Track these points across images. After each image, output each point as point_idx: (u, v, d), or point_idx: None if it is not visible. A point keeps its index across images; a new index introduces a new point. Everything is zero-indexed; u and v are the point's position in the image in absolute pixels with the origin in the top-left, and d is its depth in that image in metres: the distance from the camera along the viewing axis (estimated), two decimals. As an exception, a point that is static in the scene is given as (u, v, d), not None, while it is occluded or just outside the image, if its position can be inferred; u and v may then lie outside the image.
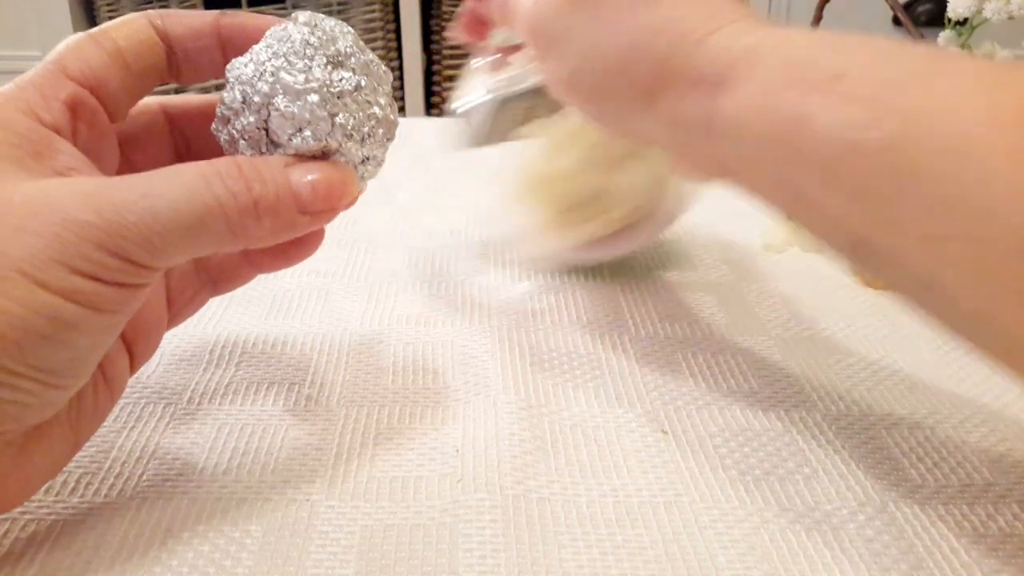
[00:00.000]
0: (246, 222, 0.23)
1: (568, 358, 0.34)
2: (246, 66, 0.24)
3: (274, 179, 0.23)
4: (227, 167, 0.23)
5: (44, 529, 0.24)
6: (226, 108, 0.25)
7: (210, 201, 0.22)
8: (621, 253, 0.40)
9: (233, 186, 0.23)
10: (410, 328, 0.36)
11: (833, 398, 0.31)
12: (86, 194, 0.21)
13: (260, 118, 0.24)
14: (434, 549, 0.24)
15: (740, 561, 0.24)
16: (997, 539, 0.24)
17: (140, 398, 0.30)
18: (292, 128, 0.24)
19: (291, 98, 0.24)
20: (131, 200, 0.21)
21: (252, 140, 0.24)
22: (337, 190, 0.25)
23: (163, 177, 0.22)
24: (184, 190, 0.22)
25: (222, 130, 0.25)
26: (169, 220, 0.22)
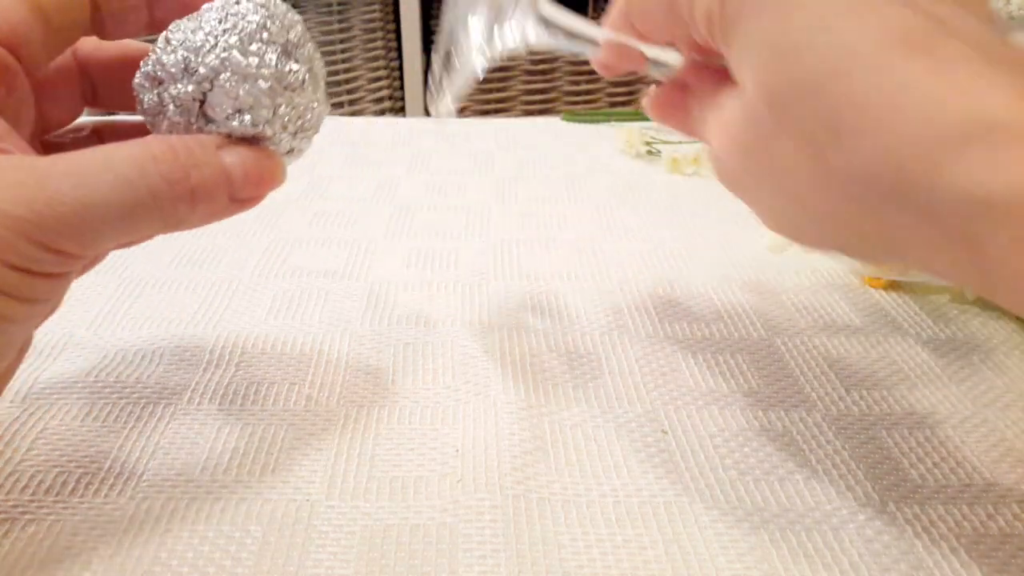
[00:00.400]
0: (179, 210, 0.23)
1: (568, 358, 0.34)
2: (194, 32, 0.24)
3: (209, 164, 0.23)
4: (163, 151, 0.22)
5: (44, 529, 0.24)
6: (161, 69, 0.24)
7: (144, 192, 0.22)
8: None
9: (170, 174, 0.22)
10: (410, 328, 0.36)
11: (833, 398, 0.31)
12: (17, 184, 0.21)
13: (199, 89, 0.23)
14: (434, 549, 0.24)
15: (740, 561, 0.24)
16: (997, 539, 0.24)
17: (140, 398, 0.30)
18: (232, 108, 0.24)
19: (239, 79, 0.23)
20: (63, 192, 0.21)
21: (183, 108, 0.24)
22: (268, 177, 0.24)
23: (95, 164, 0.21)
24: (118, 180, 0.21)
25: (149, 89, 0.24)
26: (103, 212, 0.21)
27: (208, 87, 0.23)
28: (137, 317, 0.36)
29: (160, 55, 0.24)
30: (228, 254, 0.42)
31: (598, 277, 0.41)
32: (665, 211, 0.49)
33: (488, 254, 0.43)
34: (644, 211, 0.49)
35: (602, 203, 0.50)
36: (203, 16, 0.24)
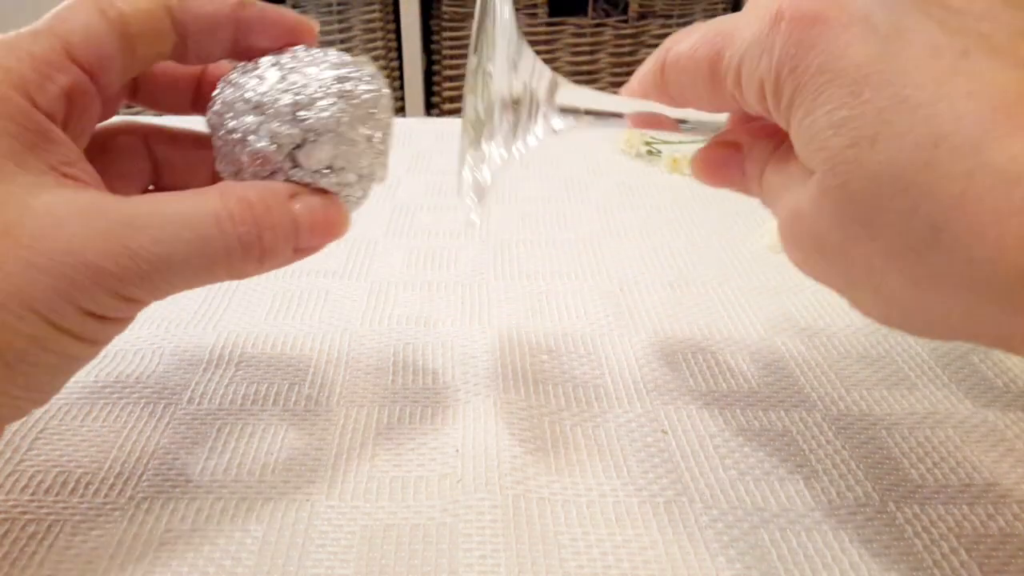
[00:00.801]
0: (248, 268, 0.23)
1: (568, 358, 0.34)
2: (307, 79, 0.24)
3: (282, 224, 0.23)
4: (240, 211, 0.22)
5: (44, 529, 0.24)
6: (265, 101, 0.24)
7: (221, 252, 0.22)
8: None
9: (245, 236, 0.22)
10: (410, 328, 0.36)
11: (833, 398, 0.31)
12: (102, 235, 0.21)
13: (301, 136, 0.24)
14: (434, 549, 0.24)
15: (740, 561, 0.24)
16: (997, 539, 0.24)
17: (140, 398, 0.30)
18: (323, 164, 0.24)
19: (342, 143, 0.24)
20: (145, 247, 0.21)
21: (277, 147, 0.24)
22: (333, 229, 0.25)
23: (176, 220, 0.22)
24: (197, 240, 0.22)
25: (241, 113, 0.24)
26: (180, 269, 0.22)
27: (312, 138, 0.24)
28: (137, 317, 0.36)
29: (267, 88, 0.24)
30: (228, 254, 0.42)
31: (598, 277, 0.41)
32: (665, 211, 0.49)
33: (488, 254, 0.43)
34: (644, 211, 0.49)
35: (602, 203, 0.50)
36: (318, 61, 0.24)
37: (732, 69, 0.22)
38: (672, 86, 0.25)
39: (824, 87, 0.19)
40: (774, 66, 0.21)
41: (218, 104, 0.25)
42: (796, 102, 0.20)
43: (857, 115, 0.19)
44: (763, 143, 0.25)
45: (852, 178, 0.19)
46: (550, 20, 1.50)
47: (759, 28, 0.21)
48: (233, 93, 0.24)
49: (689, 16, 1.54)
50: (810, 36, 0.20)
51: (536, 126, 0.28)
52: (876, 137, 0.18)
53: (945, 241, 0.17)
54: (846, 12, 0.20)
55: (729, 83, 0.23)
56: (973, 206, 0.17)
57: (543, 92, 0.28)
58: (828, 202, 0.20)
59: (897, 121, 0.18)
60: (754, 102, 0.22)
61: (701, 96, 0.25)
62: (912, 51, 0.18)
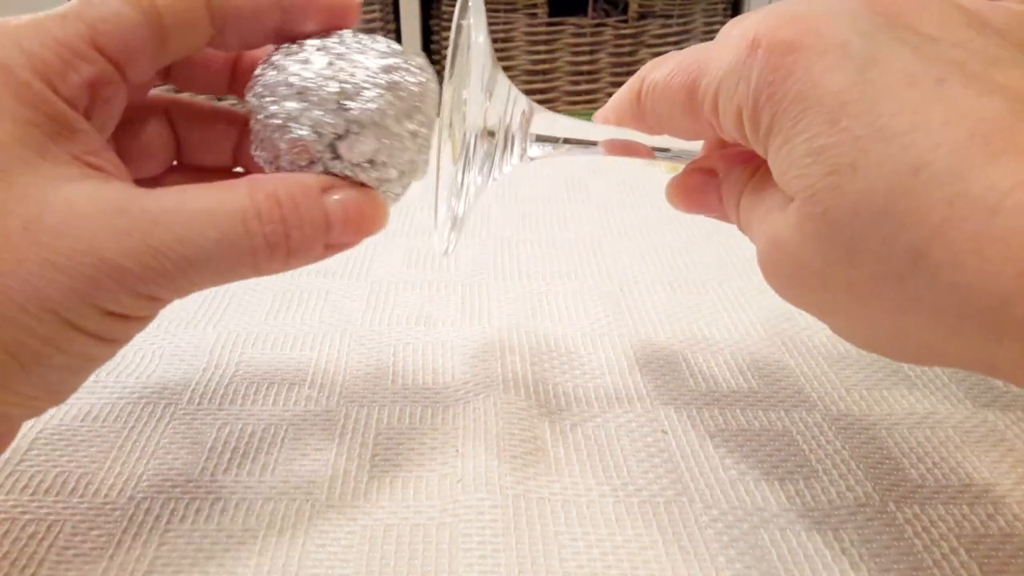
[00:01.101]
0: (274, 266, 0.22)
1: (568, 358, 0.34)
2: (354, 67, 0.23)
3: (311, 222, 0.22)
4: (269, 209, 0.22)
5: (44, 529, 0.24)
6: (310, 87, 0.23)
7: (247, 252, 0.21)
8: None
9: (271, 234, 0.22)
10: (410, 328, 0.36)
11: (833, 398, 0.31)
12: (124, 233, 0.20)
13: (345, 127, 0.23)
14: (434, 549, 0.24)
15: (740, 561, 0.24)
16: (997, 539, 0.24)
17: (140, 398, 0.30)
18: (365, 158, 0.23)
19: (386, 136, 0.23)
20: (168, 246, 0.20)
21: (319, 136, 0.23)
22: (368, 224, 0.23)
23: (201, 217, 0.21)
24: (223, 240, 0.21)
25: (283, 98, 0.23)
26: (203, 268, 0.21)
27: (355, 130, 0.23)
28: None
29: (312, 74, 0.23)
30: (228, 254, 0.42)
31: (598, 277, 0.41)
32: (665, 211, 0.49)
33: (488, 254, 0.43)
34: (644, 210, 0.49)
35: (602, 203, 0.50)
36: (367, 49, 0.23)
37: (709, 96, 0.22)
38: (649, 114, 0.25)
39: (802, 115, 0.19)
40: (751, 93, 0.21)
41: (259, 87, 0.23)
42: (774, 129, 0.20)
43: (835, 143, 0.19)
44: (739, 169, 0.25)
45: (832, 205, 0.19)
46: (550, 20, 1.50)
47: (735, 55, 0.21)
48: (276, 76, 0.23)
49: (689, 16, 1.54)
50: (786, 63, 0.20)
51: (512, 155, 0.28)
52: (855, 165, 0.18)
53: (926, 267, 0.17)
54: (822, 39, 0.20)
55: (706, 110, 0.23)
56: (954, 233, 0.17)
57: (518, 120, 0.27)
58: (808, 229, 0.20)
59: (875, 149, 0.18)
60: (731, 129, 0.22)
61: (678, 123, 0.25)
62: (888, 79, 0.19)
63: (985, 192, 0.16)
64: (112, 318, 0.21)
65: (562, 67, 1.55)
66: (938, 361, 0.20)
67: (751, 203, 0.24)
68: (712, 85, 0.22)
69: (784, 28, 0.20)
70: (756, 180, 0.24)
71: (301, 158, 0.23)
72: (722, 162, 0.26)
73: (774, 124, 0.20)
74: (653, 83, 0.25)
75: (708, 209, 0.27)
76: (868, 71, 0.19)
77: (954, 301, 0.17)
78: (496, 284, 0.40)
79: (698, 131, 0.25)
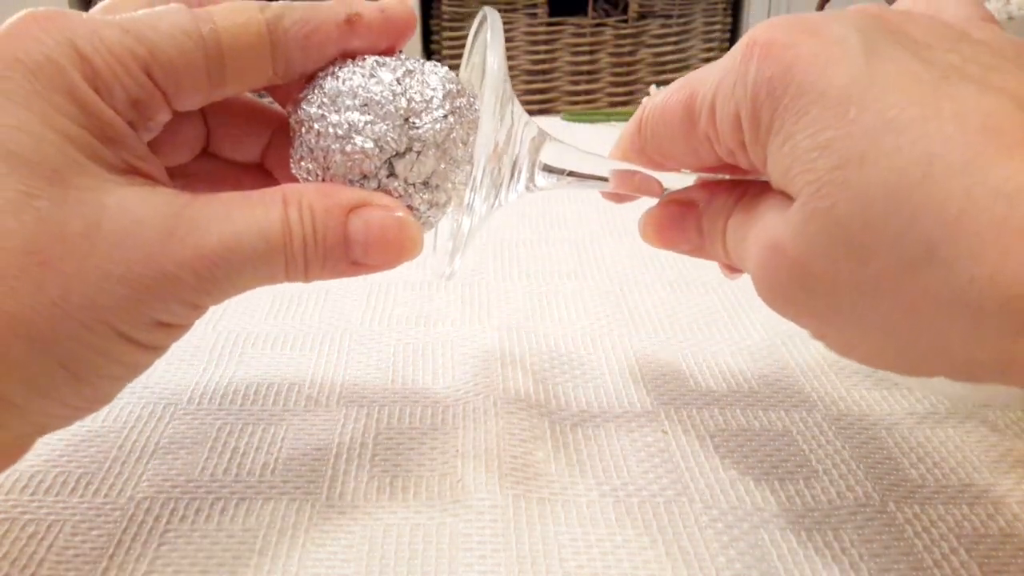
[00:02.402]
0: (297, 278, 0.23)
1: (568, 357, 0.34)
2: (422, 87, 0.22)
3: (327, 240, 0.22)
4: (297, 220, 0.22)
5: (44, 529, 0.24)
6: (374, 96, 0.22)
7: (282, 262, 0.22)
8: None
9: (298, 247, 0.22)
10: (410, 328, 0.36)
11: (833, 398, 0.31)
12: (177, 241, 0.20)
13: (407, 144, 0.22)
14: (434, 549, 0.24)
15: (740, 561, 0.24)
16: (997, 539, 0.24)
17: (140, 398, 0.30)
18: (421, 180, 0.23)
19: (445, 161, 0.23)
20: (220, 255, 0.21)
21: (379, 149, 0.22)
22: (396, 248, 0.23)
23: (249, 224, 0.21)
24: (267, 247, 0.21)
25: (344, 109, 0.22)
26: (248, 276, 0.21)
27: (418, 148, 0.22)
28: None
29: (382, 88, 0.22)
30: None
31: (598, 277, 0.41)
32: (665, 211, 0.49)
33: (488, 254, 0.43)
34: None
35: (602, 203, 0.50)
36: (431, 72, 0.23)
37: (706, 105, 0.22)
38: (649, 141, 0.25)
39: (806, 108, 0.19)
40: (750, 91, 0.20)
41: (318, 95, 0.23)
42: (775, 126, 0.20)
43: (843, 135, 0.18)
44: (723, 198, 0.24)
45: (840, 199, 0.18)
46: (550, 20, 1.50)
47: (731, 60, 0.21)
48: (339, 86, 0.22)
49: (689, 16, 1.54)
50: (787, 58, 0.19)
51: (519, 183, 0.27)
52: (864, 157, 0.18)
53: (942, 259, 0.17)
54: (821, 36, 0.19)
55: (703, 121, 0.22)
56: (972, 224, 0.16)
57: (528, 147, 0.26)
58: (814, 227, 0.19)
59: (886, 141, 0.17)
60: (728, 135, 0.22)
61: (675, 143, 0.24)
62: (892, 75, 0.18)
63: (1002, 183, 0.16)
64: (160, 327, 0.21)
65: (562, 67, 1.55)
66: (946, 365, 0.19)
67: (740, 223, 0.23)
68: (709, 93, 0.22)
69: (781, 29, 0.20)
70: (745, 202, 0.23)
71: (355, 172, 0.23)
72: (703, 193, 0.26)
73: (775, 120, 0.20)
74: (652, 107, 0.25)
75: (684, 243, 0.26)
76: (871, 66, 0.18)
77: (971, 294, 0.17)
78: (496, 284, 0.40)
79: (695, 151, 0.24)
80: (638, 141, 0.26)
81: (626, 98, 1.55)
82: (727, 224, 0.24)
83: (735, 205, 0.24)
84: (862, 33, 0.19)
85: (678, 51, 1.54)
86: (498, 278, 0.40)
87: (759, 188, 0.23)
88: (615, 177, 0.27)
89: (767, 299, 0.22)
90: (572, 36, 1.53)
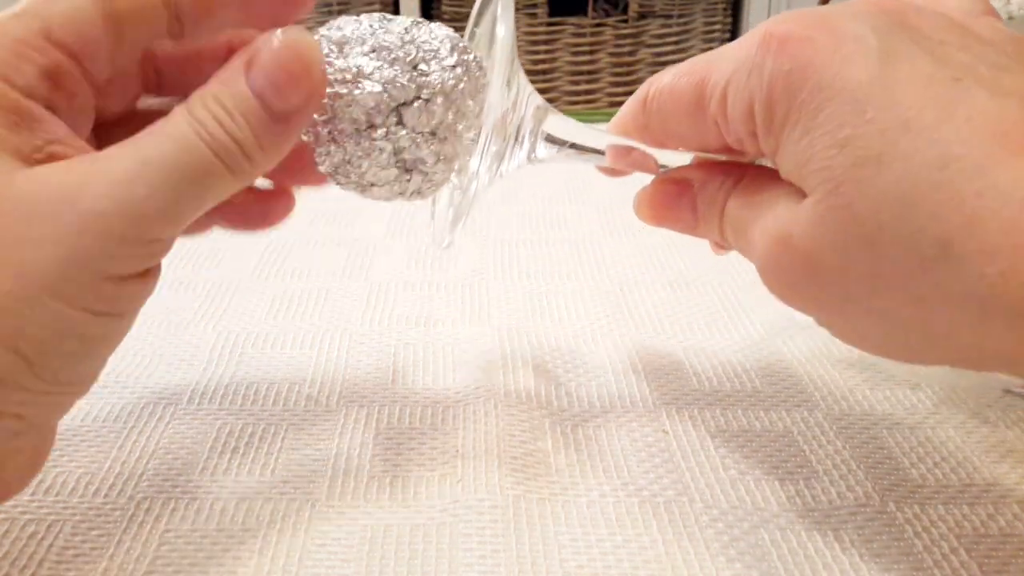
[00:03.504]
0: (244, 165, 0.21)
1: (569, 357, 0.34)
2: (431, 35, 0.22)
3: (239, 102, 0.21)
4: (203, 107, 0.20)
5: (44, 529, 0.24)
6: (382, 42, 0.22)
7: (209, 156, 0.20)
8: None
9: (215, 132, 0.20)
10: (410, 328, 0.36)
11: (836, 398, 0.31)
12: (89, 177, 0.19)
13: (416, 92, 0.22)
14: (434, 549, 0.24)
15: (740, 561, 0.24)
16: (997, 539, 0.24)
17: (140, 398, 0.30)
18: (430, 129, 0.23)
19: (454, 114, 0.23)
20: (135, 171, 0.19)
21: (387, 91, 0.22)
22: (298, 78, 0.21)
23: (151, 135, 0.20)
24: (179, 145, 0.20)
25: (350, 52, 0.22)
26: (179, 184, 0.20)
27: (427, 95, 0.22)
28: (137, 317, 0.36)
29: (390, 34, 0.22)
30: (228, 254, 0.42)
31: (598, 277, 0.41)
32: (665, 211, 0.49)
33: (488, 254, 0.43)
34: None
35: (602, 203, 0.50)
36: (432, 29, 0.23)
37: (718, 92, 0.22)
38: (653, 118, 0.25)
39: (824, 104, 0.19)
40: (765, 84, 0.20)
41: (322, 43, 0.22)
42: (791, 120, 0.20)
43: (861, 134, 0.19)
44: (718, 179, 0.25)
45: (858, 197, 0.19)
46: (550, 20, 1.50)
47: (747, 51, 0.21)
48: (345, 34, 0.22)
49: (689, 16, 1.54)
50: (805, 54, 0.20)
51: (520, 152, 0.27)
52: (881, 157, 0.18)
53: (955, 257, 0.18)
54: (837, 32, 0.20)
55: (713, 107, 0.22)
56: (985, 224, 0.17)
57: (531, 116, 0.26)
58: (829, 222, 0.20)
59: (902, 142, 0.18)
60: (739, 124, 0.22)
61: (681, 125, 0.24)
62: (908, 74, 0.19)
63: (1013, 186, 0.17)
64: (112, 283, 0.20)
65: (562, 67, 1.55)
66: (952, 354, 0.20)
67: (741, 207, 0.23)
68: (721, 80, 0.22)
69: (797, 23, 0.20)
70: (746, 185, 0.24)
71: (362, 119, 0.22)
72: (699, 173, 0.26)
73: (791, 114, 0.20)
74: (659, 87, 0.24)
75: (677, 222, 0.27)
76: (887, 64, 0.19)
77: (982, 290, 0.17)
78: (496, 284, 0.40)
79: (700, 134, 0.24)
80: (642, 118, 0.25)
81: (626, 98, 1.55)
82: (725, 207, 0.24)
83: (733, 188, 0.24)
84: (878, 31, 0.20)
85: (678, 51, 1.54)
86: (498, 278, 0.40)
87: (759, 172, 0.23)
88: (612, 152, 0.27)
89: (774, 289, 0.22)
90: (572, 36, 1.53)
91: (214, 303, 0.37)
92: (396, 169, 0.23)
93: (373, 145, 0.23)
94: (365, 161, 0.23)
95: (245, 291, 0.39)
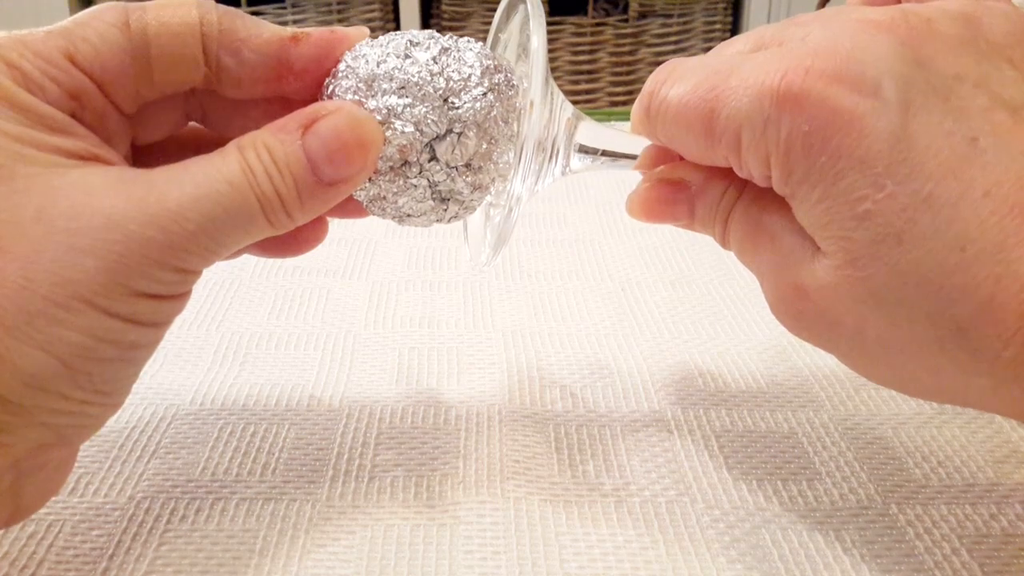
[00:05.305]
0: (281, 218, 0.22)
1: (573, 358, 0.34)
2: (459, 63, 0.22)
3: (292, 166, 0.21)
4: (255, 157, 0.21)
5: (44, 529, 0.24)
6: (410, 78, 0.21)
7: (255, 204, 0.21)
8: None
9: (265, 185, 0.21)
10: (412, 328, 0.36)
11: (841, 398, 0.31)
12: (139, 201, 0.19)
13: (447, 125, 0.22)
14: (434, 550, 0.24)
15: (741, 561, 0.24)
16: (999, 540, 0.24)
17: (141, 399, 0.30)
18: (464, 161, 0.22)
19: (488, 144, 0.22)
20: (187, 205, 0.20)
21: (418, 129, 0.22)
22: (355, 152, 0.21)
23: (204, 170, 0.20)
24: (233, 188, 0.20)
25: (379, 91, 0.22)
26: (224, 225, 0.20)
27: (459, 129, 0.22)
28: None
29: (418, 68, 0.22)
30: (228, 254, 0.42)
31: (600, 277, 0.41)
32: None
33: (489, 254, 0.43)
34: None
35: (602, 203, 0.50)
36: (466, 48, 0.22)
37: (730, 132, 0.21)
38: (660, 132, 0.24)
39: (844, 173, 0.19)
40: (783, 142, 0.20)
41: (351, 80, 0.22)
42: (810, 181, 0.20)
43: (881, 210, 0.19)
44: (719, 184, 0.24)
45: (876, 273, 0.19)
46: (550, 20, 1.50)
47: (760, 100, 0.20)
48: (373, 70, 0.22)
49: (689, 15, 1.54)
50: (822, 115, 0.19)
51: (556, 165, 0.26)
52: (901, 236, 0.19)
53: (971, 341, 0.18)
54: (855, 87, 0.19)
55: (723, 144, 0.22)
56: (1001, 312, 0.18)
57: (564, 128, 0.26)
58: (846, 290, 0.20)
59: (922, 221, 0.18)
60: (754, 167, 0.22)
61: (692, 150, 0.24)
62: (926, 137, 0.19)
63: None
64: (145, 299, 0.20)
65: (562, 67, 1.55)
66: (960, 403, 0.21)
67: (747, 222, 0.23)
68: (733, 122, 0.21)
69: (815, 77, 0.20)
70: (753, 199, 0.23)
71: (396, 158, 0.22)
72: (698, 174, 0.25)
73: (811, 175, 0.20)
74: (665, 103, 0.23)
75: (672, 221, 0.26)
76: (906, 125, 0.19)
77: (997, 369, 0.18)
78: (497, 284, 0.40)
79: (711, 158, 0.23)
80: (647, 126, 0.25)
81: (626, 98, 1.55)
82: (730, 216, 0.24)
83: (738, 196, 0.24)
84: (895, 78, 0.19)
85: (678, 51, 1.54)
86: (499, 278, 0.40)
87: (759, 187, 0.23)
88: (646, 154, 0.27)
89: (785, 324, 0.23)
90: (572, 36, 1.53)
91: (216, 303, 0.37)
92: (432, 201, 0.23)
93: (408, 182, 0.23)
94: (401, 197, 0.23)
95: (246, 291, 0.38)
